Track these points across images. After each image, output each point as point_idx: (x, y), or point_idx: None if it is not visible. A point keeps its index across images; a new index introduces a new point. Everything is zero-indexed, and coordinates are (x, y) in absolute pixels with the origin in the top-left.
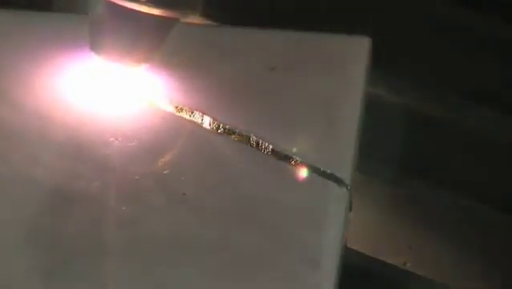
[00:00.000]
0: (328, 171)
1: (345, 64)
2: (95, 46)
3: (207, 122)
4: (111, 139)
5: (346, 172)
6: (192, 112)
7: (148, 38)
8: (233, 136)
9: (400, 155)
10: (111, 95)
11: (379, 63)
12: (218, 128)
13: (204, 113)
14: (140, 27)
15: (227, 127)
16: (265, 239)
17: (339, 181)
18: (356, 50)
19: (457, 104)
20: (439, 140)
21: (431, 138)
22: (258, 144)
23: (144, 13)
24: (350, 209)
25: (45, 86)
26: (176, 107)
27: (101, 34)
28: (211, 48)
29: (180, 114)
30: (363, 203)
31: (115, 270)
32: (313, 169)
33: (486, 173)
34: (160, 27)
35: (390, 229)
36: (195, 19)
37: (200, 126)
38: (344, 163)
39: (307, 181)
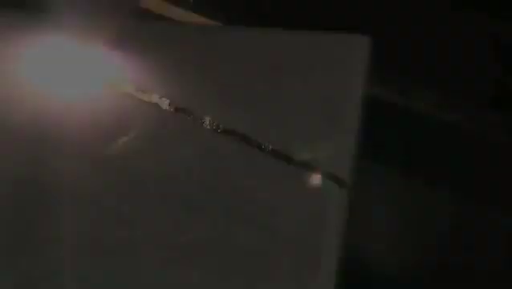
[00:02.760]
0: (328, 171)
1: (345, 64)
2: (57, 25)
3: (207, 122)
4: (111, 139)
5: (346, 172)
6: (192, 112)
7: (109, 18)
8: (233, 136)
9: (400, 155)
10: (109, 94)
11: (379, 63)
12: (218, 127)
13: (204, 113)
14: (101, 7)
15: (227, 127)
16: (265, 239)
17: (339, 181)
18: (356, 50)
19: (457, 104)
20: (439, 140)
21: (431, 138)
22: (258, 144)
23: None
24: (350, 209)
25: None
26: (176, 107)
27: (63, 13)
28: (211, 48)
29: (180, 114)
30: (364, 203)
31: (114, 269)
32: (313, 169)
33: (486, 173)
34: (120, 7)
35: (390, 228)
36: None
37: (200, 126)
38: (344, 163)
39: (307, 180)
